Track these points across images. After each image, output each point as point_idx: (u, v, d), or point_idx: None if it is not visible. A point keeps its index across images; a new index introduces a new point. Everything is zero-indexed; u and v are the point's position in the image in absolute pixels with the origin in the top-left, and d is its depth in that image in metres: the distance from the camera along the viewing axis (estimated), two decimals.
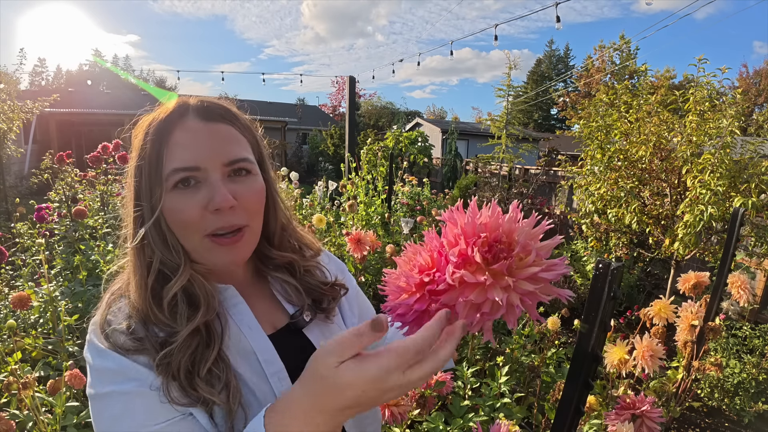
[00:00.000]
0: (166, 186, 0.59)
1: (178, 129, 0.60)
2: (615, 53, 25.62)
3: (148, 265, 0.60)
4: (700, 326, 1.40)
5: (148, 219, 0.60)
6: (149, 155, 0.60)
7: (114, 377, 0.55)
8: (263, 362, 0.62)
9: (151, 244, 0.60)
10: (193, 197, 0.59)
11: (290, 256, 0.73)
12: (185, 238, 0.61)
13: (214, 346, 0.58)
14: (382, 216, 4.02)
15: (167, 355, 0.55)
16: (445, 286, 0.44)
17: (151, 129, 0.61)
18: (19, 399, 1.40)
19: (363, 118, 33.80)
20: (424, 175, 9.43)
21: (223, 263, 0.63)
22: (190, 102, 0.63)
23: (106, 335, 0.57)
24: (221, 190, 0.59)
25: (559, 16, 6.21)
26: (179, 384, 0.54)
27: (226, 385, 0.56)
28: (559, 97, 32.29)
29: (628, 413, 1.05)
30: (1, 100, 7.07)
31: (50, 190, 3.33)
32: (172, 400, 0.53)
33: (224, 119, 0.63)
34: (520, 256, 0.44)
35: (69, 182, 3.12)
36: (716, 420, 2.85)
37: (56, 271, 2.53)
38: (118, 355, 0.55)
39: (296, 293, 0.72)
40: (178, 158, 0.59)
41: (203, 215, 0.59)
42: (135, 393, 0.54)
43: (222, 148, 0.61)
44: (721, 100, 3.17)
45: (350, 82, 8.95)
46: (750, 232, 3.07)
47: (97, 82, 29.54)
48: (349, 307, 0.82)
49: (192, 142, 0.60)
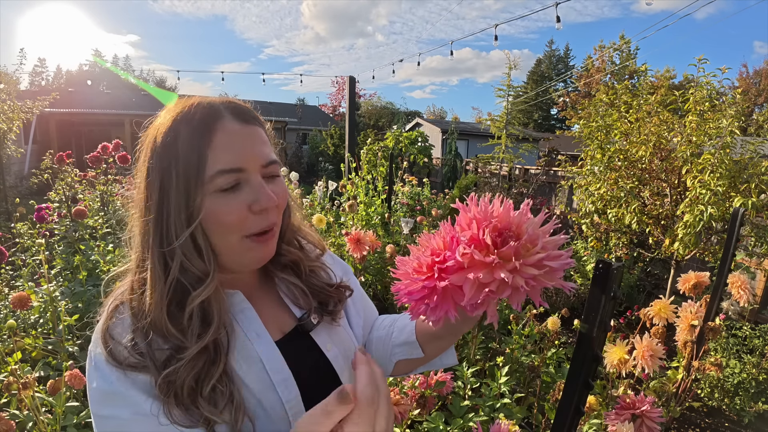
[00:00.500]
0: (208, 188, 0.57)
1: (219, 130, 0.59)
2: (615, 53, 25.63)
3: (169, 273, 0.58)
4: (700, 326, 1.40)
5: (184, 222, 0.58)
6: (186, 156, 0.57)
7: (111, 401, 0.54)
8: (270, 371, 0.62)
9: (180, 250, 0.58)
10: (236, 198, 0.58)
11: (296, 253, 0.73)
12: (223, 240, 0.60)
13: (219, 362, 0.57)
14: (382, 216, 4.02)
15: (171, 374, 0.54)
16: (454, 264, 0.46)
17: (183, 129, 0.58)
18: (19, 399, 1.40)
19: (363, 118, 33.79)
20: (424, 175, 9.44)
21: (256, 261, 0.63)
22: (217, 102, 0.62)
23: (108, 349, 0.56)
24: (266, 190, 0.60)
25: (559, 17, 6.21)
26: (181, 403, 0.53)
27: (230, 402, 0.55)
28: (559, 97, 32.30)
29: (628, 413, 1.05)
30: (1, 100, 7.07)
31: (50, 190, 3.33)
32: (173, 420, 0.52)
33: (256, 121, 0.64)
34: (528, 246, 0.46)
35: (69, 182, 3.12)
36: (716, 420, 2.85)
37: (56, 271, 2.53)
38: (117, 374, 0.54)
39: (302, 295, 0.72)
40: (222, 160, 0.58)
41: (246, 216, 0.59)
42: (131, 420, 0.53)
43: (260, 150, 0.62)
44: (721, 100, 3.17)
45: (350, 82, 8.95)
46: (750, 232, 3.07)
47: (97, 82, 29.50)
48: (355, 309, 0.82)
49: (234, 144, 0.59)
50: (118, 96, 17.71)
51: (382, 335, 0.83)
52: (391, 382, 1.70)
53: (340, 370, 0.69)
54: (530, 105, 35.00)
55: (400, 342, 0.79)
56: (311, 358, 0.68)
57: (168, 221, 0.58)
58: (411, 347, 0.77)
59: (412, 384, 1.61)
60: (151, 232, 0.59)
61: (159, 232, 0.59)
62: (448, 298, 0.48)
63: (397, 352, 0.79)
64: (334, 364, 0.69)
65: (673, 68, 25.45)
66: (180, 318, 0.57)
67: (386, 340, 0.82)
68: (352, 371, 0.47)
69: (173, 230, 0.58)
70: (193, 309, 0.57)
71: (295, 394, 0.62)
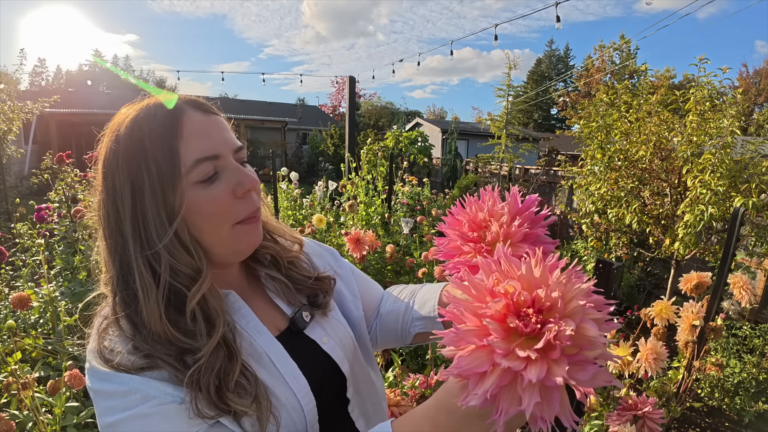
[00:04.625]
0: (187, 182, 0.56)
1: (186, 122, 0.57)
2: (615, 53, 25.61)
3: (160, 278, 0.55)
4: (701, 326, 1.40)
5: (165, 221, 0.55)
6: (156, 153, 0.55)
7: (129, 401, 0.50)
8: (277, 363, 0.62)
9: (166, 251, 0.55)
10: (217, 187, 0.58)
11: (273, 247, 0.73)
12: (214, 234, 0.59)
13: (236, 357, 0.56)
14: (382, 216, 4.02)
15: (194, 374, 0.52)
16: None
17: (148, 127, 0.56)
18: (19, 399, 1.39)
19: (363, 118, 33.79)
20: (424, 175, 9.43)
21: (250, 246, 0.63)
22: (174, 98, 0.61)
23: (107, 360, 0.53)
24: (246, 172, 0.60)
25: (559, 16, 6.20)
26: (211, 402, 0.52)
27: (256, 396, 0.55)
28: (559, 97, 32.30)
29: (629, 414, 1.05)
30: (1, 101, 7.07)
31: (50, 191, 3.32)
32: (200, 413, 0.51)
33: (215, 111, 0.64)
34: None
35: (69, 182, 3.11)
36: (717, 420, 2.85)
37: (56, 271, 2.53)
38: (129, 375, 0.51)
39: (287, 291, 0.72)
40: (197, 149, 0.57)
41: (233, 203, 0.59)
42: (156, 413, 0.50)
43: (228, 136, 0.62)
44: (721, 100, 3.16)
45: (350, 82, 8.95)
46: (750, 231, 3.07)
47: (97, 82, 29.56)
48: (350, 292, 0.82)
49: (204, 132, 0.59)
50: (118, 96, 17.72)
51: (400, 308, 0.82)
52: (391, 382, 1.70)
53: (339, 360, 0.70)
54: (530, 105, 34.99)
55: (421, 316, 0.78)
56: (310, 353, 0.68)
57: (146, 224, 0.55)
58: (431, 322, 0.77)
59: (412, 384, 1.61)
60: (129, 239, 0.56)
61: (138, 237, 0.56)
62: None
63: (417, 325, 0.79)
64: (332, 355, 0.69)
65: (674, 68, 25.44)
66: (182, 322, 0.55)
67: (405, 312, 0.81)
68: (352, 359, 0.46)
69: (154, 232, 0.55)
70: (194, 309, 0.56)
71: (304, 385, 0.62)
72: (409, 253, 3.29)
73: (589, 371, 0.35)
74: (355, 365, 0.73)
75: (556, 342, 0.35)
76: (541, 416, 0.35)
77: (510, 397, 0.36)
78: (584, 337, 0.36)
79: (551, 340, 0.35)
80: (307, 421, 0.61)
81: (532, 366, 0.34)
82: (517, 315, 0.37)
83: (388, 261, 2.90)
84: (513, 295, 0.37)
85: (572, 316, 0.36)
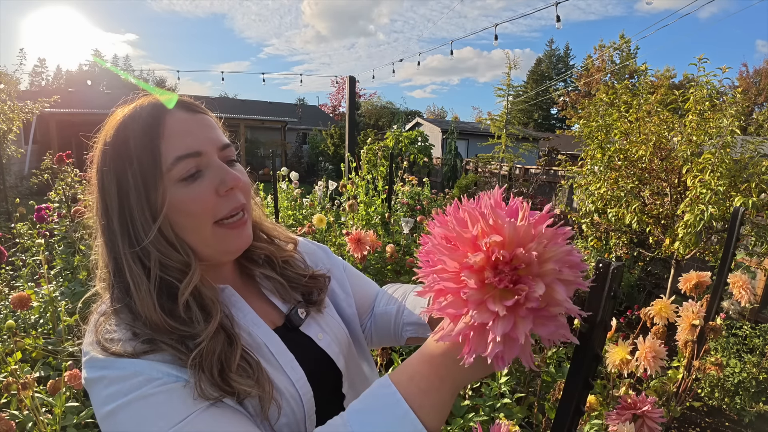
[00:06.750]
0: (168, 179, 0.56)
1: (169, 121, 0.58)
2: (615, 53, 25.62)
3: (149, 273, 0.56)
4: (701, 326, 1.40)
5: (149, 219, 0.56)
6: (139, 152, 0.56)
7: (131, 384, 0.50)
8: (275, 353, 0.63)
9: (154, 247, 0.57)
10: (200, 185, 0.58)
11: (267, 247, 0.73)
12: (195, 230, 0.59)
13: (235, 341, 0.57)
14: (382, 216, 4.01)
15: (197, 356, 0.52)
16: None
17: (132, 127, 0.57)
18: (19, 399, 1.40)
19: (363, 117, 33.78)
20: (424, 175, 9.42)
21: (234, 249, 0.63)
22: (162, 98, 0.62)
23: (107, 348, 0.52)
24: (229, 170, 0.60)
25: (559, 16, 6.20)
26: (215, 384, 0.52)
27: (258, 379, 0.56)
28: (559, 97, 32.31)
29: (629, 413, 1.05)
30: (1, 101, 7.07)
31: (50, 191, 3.32)
32: (203, 394, 0.51)
33: (203, 110, 0.64)
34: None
35: (69, 182, 3.11)
36: (716, 419, 2.85)
37: (56, 271, 2.53)
38: (131, 359, 0.51)
39: (282, 289, 0.72)
40: (178, 146, 0.57)
41: (215, 201, 0.59)
42: (160, 392, 0.50)
43: (214, 134, 0.62)
44: (721, 100, 3.16)
45: (350, 81, 8.94)
46: (750, 231, 3.07)
47: (97, 82, 29.56)
48: (342, 290, 0.83)
49: (186, 130, 0.59)
50: (118, 96, 17.54)
51: (392, 310, 0.83)
52: None
53: (335, 355, 0.70)
54: (530, 104, 35.00)
55: (412, 321, 0.79)
56: (306, 349, 0.69)
57: (133, 221, 0.57)
58: (422, 328, 0.77)
59: None
60: (118, 237, 0.58)
61: (126, 233, 0.57)
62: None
63: (408, 330, 0.80)
64: (328, 351, 0.70)
65: (673, 68, 25.44)
66: (177, 311, 0.56)
67: (397, 316, 0.82)
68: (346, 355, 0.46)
69: (140, 229, 0.57)
70: (187, 300, 0.57)
71: (301, 374, 0.63)
72: (409, 252, 3.29)
73: (550, 327, 0.39)
74: (350, 361, 0.74)
75: (525, 302, 0.38)
76: (502, 357, 0.39)
77: (478, 341, 0.40)
78: (552, 298, 0.38)
79: (521, 300, 0.37)
80: (305, 410, 0.62)
81: (499, 321, 0.37)
82: (494, 269, 0.39)
83: (388, 261, 2.90)
84: (492, 251, 0.39)
85: (544, 277, 0.38)
